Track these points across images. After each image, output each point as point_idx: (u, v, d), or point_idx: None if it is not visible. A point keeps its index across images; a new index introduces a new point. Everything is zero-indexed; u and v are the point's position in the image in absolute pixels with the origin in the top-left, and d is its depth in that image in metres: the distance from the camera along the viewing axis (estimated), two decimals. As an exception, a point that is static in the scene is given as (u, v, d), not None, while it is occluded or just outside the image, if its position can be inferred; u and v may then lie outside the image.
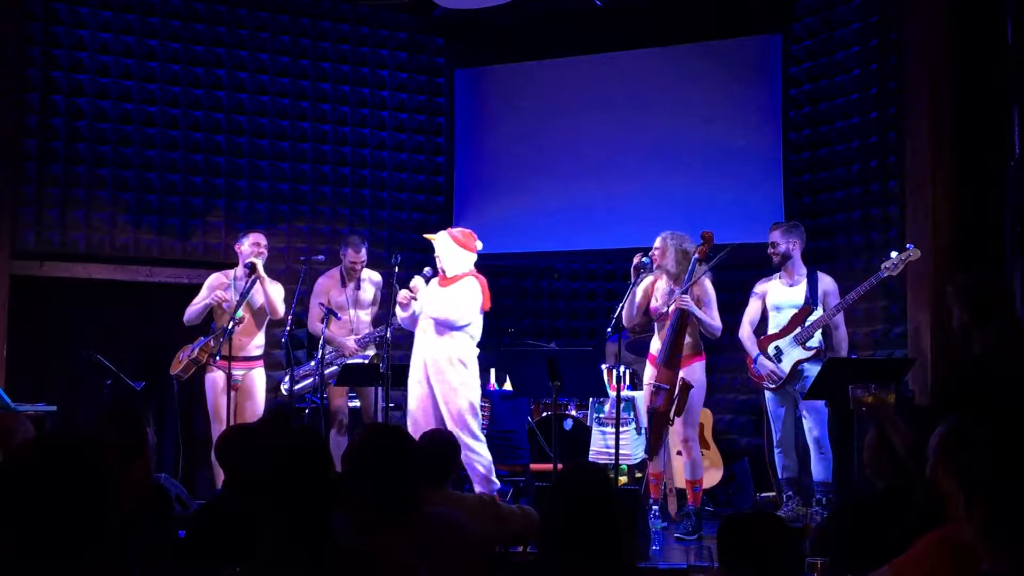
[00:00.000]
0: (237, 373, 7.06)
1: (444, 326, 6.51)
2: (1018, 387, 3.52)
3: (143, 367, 7.75)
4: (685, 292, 6.23)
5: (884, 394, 3.79)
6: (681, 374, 6.32)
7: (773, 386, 6.59)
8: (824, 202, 7.88)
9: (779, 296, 6.64)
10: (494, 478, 6.56)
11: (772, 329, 6.66)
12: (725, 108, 8.38)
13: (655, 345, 6.51)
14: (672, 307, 6.30)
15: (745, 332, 6.72)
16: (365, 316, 7.62)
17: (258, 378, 7.28)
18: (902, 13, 7.22)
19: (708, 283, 6.42)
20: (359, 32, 8.96)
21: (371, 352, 7.54)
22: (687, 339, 6.39)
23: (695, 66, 8.55)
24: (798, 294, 6.57)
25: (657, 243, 6.53)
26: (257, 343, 7.30)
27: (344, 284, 7.56)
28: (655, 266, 6.47)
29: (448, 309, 6.50)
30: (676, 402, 6.21)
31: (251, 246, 7.27)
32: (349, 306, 7.52)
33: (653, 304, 6.49)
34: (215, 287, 7.26)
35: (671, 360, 6.26)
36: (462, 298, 6.55)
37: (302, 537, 2.35)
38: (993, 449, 2.13)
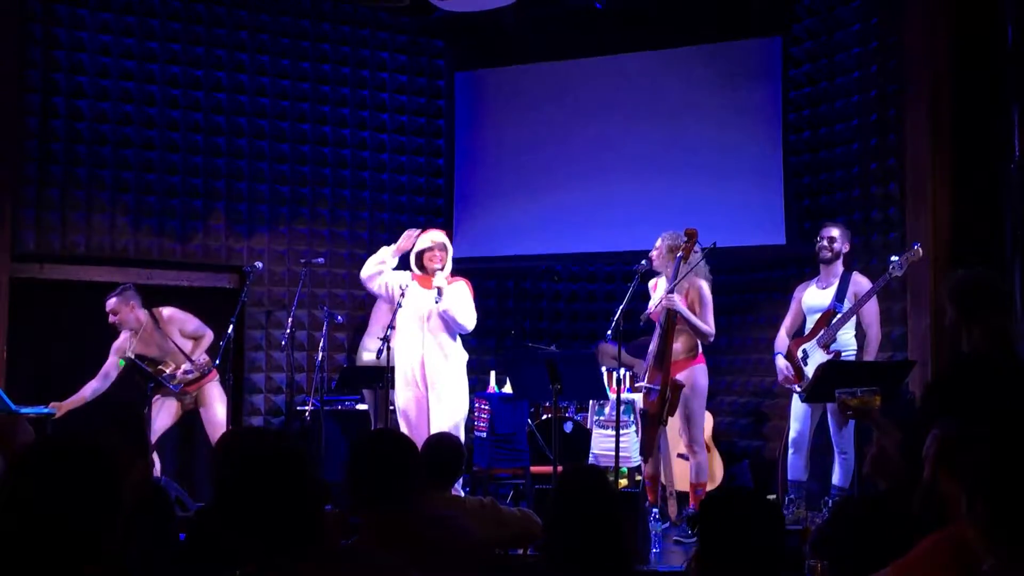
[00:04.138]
0: (188, 397, 7.23)
1: (456, 328, 6.59)
2: (1002, 388, 3.51)
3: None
4: (671, 291, 6.22)
5: (869, 397, 3.80)
6: (679, 376, 6.31)
7: (790, 387, 6.59)
8: (824, 204, 7.88)
9: (811, 299, 6.64)
10: None
11: (806, 332, 6.65)
12: (725, 111, 8.37)
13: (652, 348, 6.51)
14: (660, 307, 6.29)
15: (779, 335, 6.74)
16: None
17: (212, 392, 7.27)
18: (902, 15, 7.22)
19: (704, 286, 6.39)
20: (359, 34, 8.96)
21: None
22: (682, 341, 6.37)
23: (695, 69, 8.55)
24: (828, 297, 6.55)
25: (656, 244, 6.54)
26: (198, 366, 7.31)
27: None
28: (654, 267, 6.48)
29: (469, 313, 6.60)
30: (668, 403, 6.19)
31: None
32: None
33: (651, 306, 6.50)
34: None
35: (661, 360, 6.25)
36: (469, 301, 6.63)
37: (292, 540, 2.35)
38: (993, 450, 2.13)
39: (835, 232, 6.63)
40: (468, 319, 6.59)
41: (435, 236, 6.66)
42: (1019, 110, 6.40)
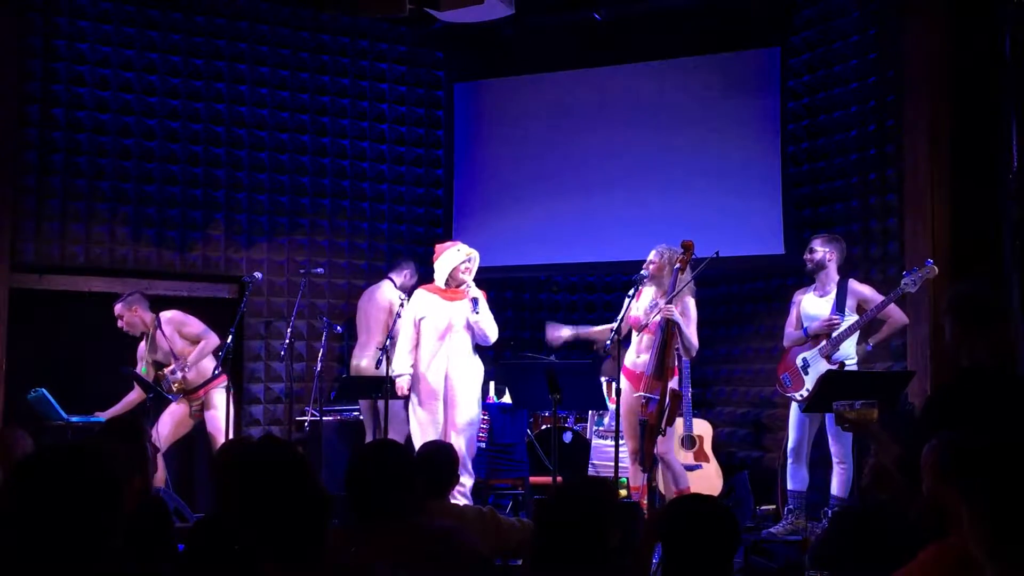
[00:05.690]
0: (196, 403, 7.39)
1: (482, 339, 6.84)
2: (1002, 403, 3.51)
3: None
4: (670, 302, 6.23)
5: (867, 410, 3.80)
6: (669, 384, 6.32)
7: (791, 395, 6.59)
8: (823, 215, 7.88)
9: (809, 307, 6.65)
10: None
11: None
12: (724, 121, 8.39)
13: (630, 357, 6.48)
14: (658, 317, 6.29)
15: (787, 332, 6.75)
16: None
17: (216, 397, 7.34)
18: (900, 26, 7.24)
19: (690, 300, 6.40)
20: (358, 45, 8.97)
21: None
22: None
23: (694, 79, 8.57)
24: (826, 306, 6.56)
25: (651, 256, 6.55)
26: (200, 371, 7.36)
27: None
28: (649, 278, 6.49)
29: (495, 324, 6.86)
30: (668, 412, 6.20)
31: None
32: None
33: (634, 315, 6.49)
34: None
35: (660, 370, 6.24)
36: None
37: (293, 551, 2.35)
38: (994, 462, 2.13)
39: (815, 243, 6.71)
40: (495, 331, 6.77)
41: (468, 249, 6.86)
42: (1017, 120, 6.41)
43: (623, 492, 6.89)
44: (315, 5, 8.74)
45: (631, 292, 6.41)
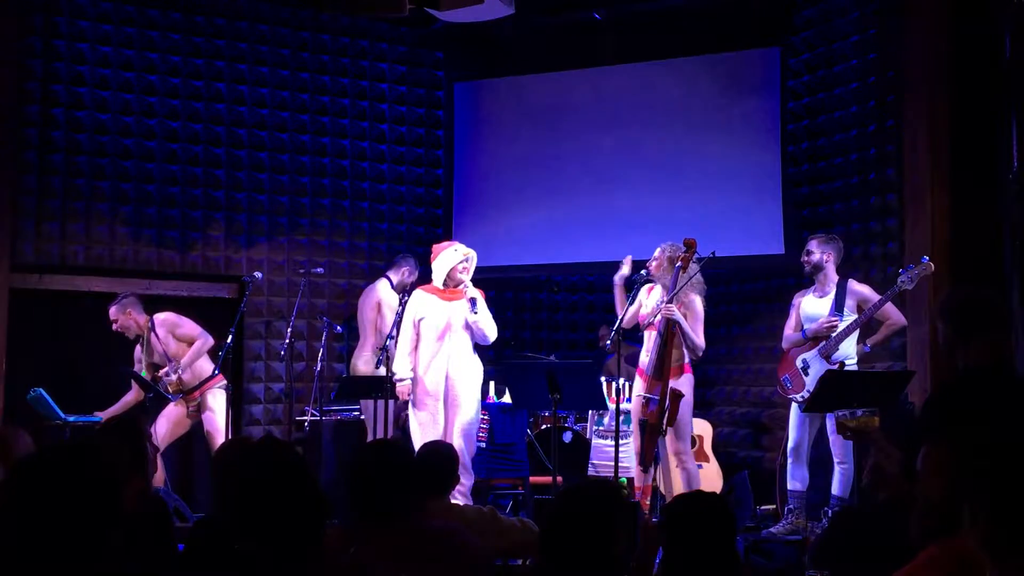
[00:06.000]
0: (193, 404, 7.37)
1: (481, 339, 6.81)
2: (1002, 403, 3.51)
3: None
4: (670, 301, 6.23)
5: (868, 418, 3.80)
6: (671, 384, 6.32)
7: (792, 396, 6.59)
8: (823, 215, 7.88)
9: (809, 308, 6.64)
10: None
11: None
12: (725, 121, 8.39)
13: (643, 358, 6.51)
14: (658, 317, 6.30)
15: (785, 335, 6.75)
16: None
17: (211, 399, 7.35)
18: (900, 26, 7.24)
19: (697, 299, 6.40)
20: (358, 45, 8.97)
21: None
22: (674, 351, 6.38)
23: (694, 79, 8.57)
24: (825, 306, 6.56)
25: (655, 254, 6.56)
26: (196, 372, 7.35)
27: None
28: (653, 277, 6.51)
29: (494, 324, 6.85)
30: (668, 412, 6.20)
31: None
32: None
33: (642, 312, 6.50)
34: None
35: (660, 370, 6.25)
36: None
37: (293, 551, 2.35)
38: (995, 463, 2.13)
39: (811, 245, 6.68)
40: (494, 331, 6.81)
41: (465, 249, 6.87)
42: (1017, 120, 6.41)
43: (623, 492, 6.90)
44: (315, 5, 8.73)
45: (633, 292, 6.42)
